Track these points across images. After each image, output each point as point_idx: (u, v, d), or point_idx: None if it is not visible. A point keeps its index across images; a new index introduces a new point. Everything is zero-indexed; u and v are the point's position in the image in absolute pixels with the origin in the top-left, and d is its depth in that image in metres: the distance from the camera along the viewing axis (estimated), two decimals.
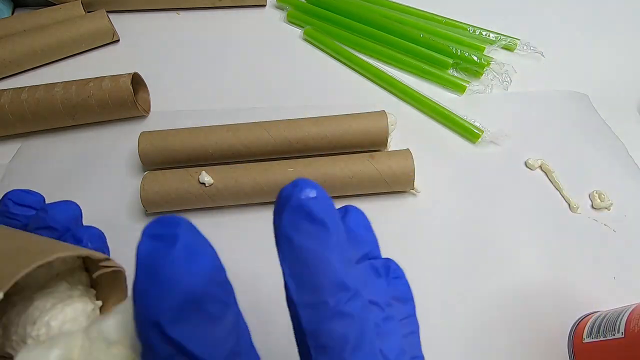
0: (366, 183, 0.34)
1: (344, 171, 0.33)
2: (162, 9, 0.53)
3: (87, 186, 0.37)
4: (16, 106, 0.37)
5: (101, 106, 0.38)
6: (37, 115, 0.37)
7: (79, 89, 0.37)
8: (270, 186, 0.33)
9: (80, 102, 0.37)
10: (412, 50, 0.45)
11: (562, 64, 0.47)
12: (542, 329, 0.30)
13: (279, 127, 0.36)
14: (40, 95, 0.37)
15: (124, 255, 0.33)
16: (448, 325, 0.30)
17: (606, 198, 0.36)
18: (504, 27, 0.49)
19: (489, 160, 0.39)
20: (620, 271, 0.32)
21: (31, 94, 0.37)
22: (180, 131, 0.36)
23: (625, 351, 0.24)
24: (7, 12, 0.50)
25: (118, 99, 0.38)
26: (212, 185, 0.33)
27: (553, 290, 0.31)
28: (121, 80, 0.38)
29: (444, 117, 0.41)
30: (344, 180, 0.33)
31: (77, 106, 0.38)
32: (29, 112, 0.37)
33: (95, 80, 0.38)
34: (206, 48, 0.48)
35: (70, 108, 0.38)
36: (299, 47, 0.49)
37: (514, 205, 0.36)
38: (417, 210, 0.35)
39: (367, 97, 0.44)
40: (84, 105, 0.38)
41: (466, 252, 0.32)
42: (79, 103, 0.37)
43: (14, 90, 0.38)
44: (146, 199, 0.33)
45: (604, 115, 0.42)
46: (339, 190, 0.34)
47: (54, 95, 0.37)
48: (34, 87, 0.38)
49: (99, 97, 0.38)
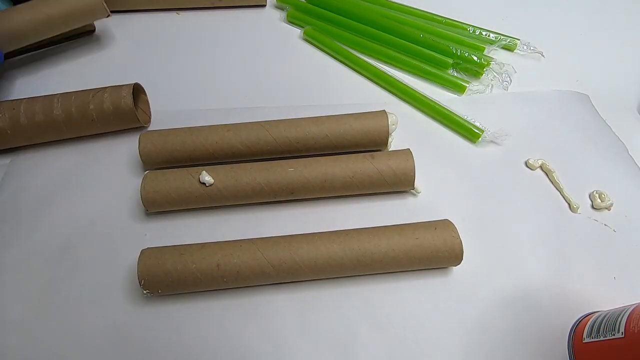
0: (366, 183, 0.34)
1: (344, 171, 0.33)
2: (162, 9, 0.53)
3: (87, 186, 0.37)
4: (14, 126, 0.36)
5: (103, 123, 0.37)
6: (37, 130, 0.37)
7: (79, 109, 0.36)
8: (271, 186, 0.33)
9: (81, 121, 0.37)
10: (412, 50, 0.45)
11: (562, 64, 0.47)
12: (542, 329, 0.30)
13: (279, 127, 0.36)
14: (40, 119, 0.36)
15: (124, 255, 0.33)
16: (448, 325, 0.30)
17: (606, 198, 0.36)
18: (504, 27, 0.49)
19: (489, 160, 0.39)
20: (620, 271, 0.32)
21: (30, 116, 0.36)
22: (180, 131, 0.36)
23: (625, 351, 0.24)
24: None
25: (120, 117, 0.37)
26: (212, 185, 0.33)
27: (553, 290, 0.32)
28: (122, 100, 0.37)
29: (444, 117, 0.41)
30: (344, 180, 0.33)
31: (80, 125, 0.37)
32: (28, 128, 0.36)
33: (96, 97, 0.37)
34: (206, 48, 0.48)
35: (72, 127, 0.37)
36: (298, 47, 0.49)
37: (514, 205, 0.36)
38: (417, 210, 0.35)
39: (367, 97, 0.44)
40: (86, 123, 0.37)
41: (466, 252, 0.32)
42: (81, 122, 0.37)
43: (10, 111, 0.36)
44: (147, 199, 0.33)
45: (604, 115, 0.42)
46: (339, 190, 0.34)
47: (55, 119, 0.36)
48: (32, 104, 0.36)
49: (102, 117, 0.37)
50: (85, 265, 0.32)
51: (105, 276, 0.32)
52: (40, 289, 0.31)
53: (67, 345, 0.29)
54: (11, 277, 0.32)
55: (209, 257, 0.29)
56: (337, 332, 0.30)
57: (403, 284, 0.31)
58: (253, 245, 0.30)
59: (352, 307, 0.31)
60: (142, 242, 0.33)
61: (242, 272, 0.29)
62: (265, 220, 0.35)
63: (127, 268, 0.32)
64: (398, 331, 0.30)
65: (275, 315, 0.30)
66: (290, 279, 0.30)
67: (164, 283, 0.29)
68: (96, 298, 0.31)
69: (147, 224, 0.35)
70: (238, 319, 0.30)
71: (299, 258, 0.29)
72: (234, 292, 0.31)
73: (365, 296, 0.31)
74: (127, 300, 0.31)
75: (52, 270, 0.32)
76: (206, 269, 0.29)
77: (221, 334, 0.30)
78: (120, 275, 0.32)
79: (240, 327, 0.30)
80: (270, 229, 0.34)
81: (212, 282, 0.29)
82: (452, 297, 0.31)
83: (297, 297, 0.31)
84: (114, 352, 0.29)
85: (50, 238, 0.34)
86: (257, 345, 0.29)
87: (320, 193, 0.34)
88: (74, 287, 0.31)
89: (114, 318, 0.30)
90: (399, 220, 0.32)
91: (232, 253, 0.29)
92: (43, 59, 0.47)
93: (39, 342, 0.29)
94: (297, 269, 0.29)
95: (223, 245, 0.30)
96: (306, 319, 0.30)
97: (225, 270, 0.29)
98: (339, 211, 0.35)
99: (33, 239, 0.34)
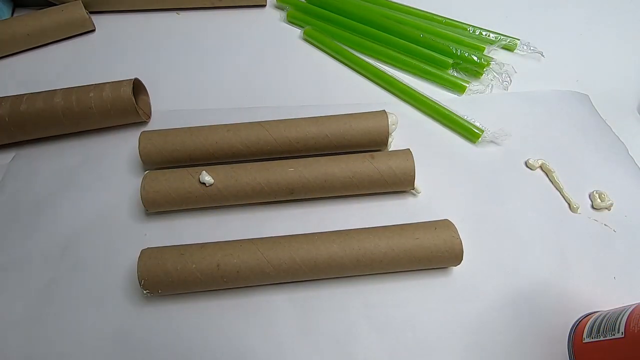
0: (366, 183, 0.34)
1: (344, 171, 0.33)
2: (162, 9, 0.53)
3: (87, 185, 0.37)
4: (16, 118, 0.36)
5: (103, 116, 0.38)
6: (37, 126, 0.37)
7: (79, 100, 0.37)
8: (271, 186, 0.33)
9: (81, 113, 0.37)
10: (412, 50, 0.45)
11: (562, 64, 0.47)
12: (542, 329, 0.30)
13: (279, 127, 0.36)
14: (40, 107, 0.36)
15: (124, 255, 0.33)
16: (448, 325, 0.30)
17: (606, 198, 0.36)
18: (504, 27, 0.49)
19: (489, 160, 0.39)
20: (620, 271, 0.32)
21: (31, 104, 0.37)
22: (180, 131, 0.36)
23: (625, 351, 0.24)
24: (7, 12, 0.50)
25: (120, 109, 0.38)
26: (212, 185, 0.33)
27: (553, 290, 0.32)
28: (122, 90, 0.37)
29: (444, 117, 0.41)
30: (344, 180, 0.33)
31: (80, 118, 0.37)
32: (30, 123, 0.37)
33: (96, 90, 0.37)
34: (206, 48, 0.48)
35: (71, 119, 0.37)
36: (298, 47, 0.49)
37: (514, 205, 0.36)
38: (417, 210, 0.35)
39: (367, 97, 0.44)
40: (86, 115, 0.37)
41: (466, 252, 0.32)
42: (81, 114, 0.37)
43: (12, 101, 0.37)
44: (147, 199, 0.33)
45: (604, 115, 0.42)
46: (339, 190, 0.34)
47: (55, 107, 0.37)
48: (34, 97, 0.37)
49: (101, 108, 0.37)
50: (85, 266, 0.32)
51: (105, 276, 0.32)
52: (40, 289, 0.31)
53: (67, 345, 0.29)
54: (11, 277, 0.32)
55: (209, 257, 0.29)
56: (337, 332, 0.30)
57: (403, 284, 0.31)
58: (253, 245, 0.30)
59: (352, 307, 0.31)
60: (142, 242, 0.33)
61: (242, 272, 0.29)
62: (265, 220, 0.35)
63: (127, 268, 0.32)
64: (398, 331, 0.30)
65: (276, 315, 0.30)
66: (290, 279, 0.30)
67: (164, 283, 0.29)
68: (96, 298, 0.31)
69: (147, 224, 0.35)
70: (238, 319, 0.30)
71: (299, 258, 0.29)
72: (234, 292, 0.31)
73: (365, 296, 0.31)
74: (127, 300, 0.31)
75: (52, 270, 0.32)
76: (206, 269, 0.29)
77: (221, 334, 0.30)
78: (120, 275, 0.32)
79: (240, 327, 0.30)
80: (270, 229, 0.34)
81: (212, 282, 0.29)
82: (452, 297, 0.31)
83: (297, 297, 0.31)
84: (114, 352, 0.29)
85: (50, 238, 0.34)
86: (257, 345, 0.29)
87: (320, 193, 0.34)
88: (74, 287, 0.31)
89: (114, 318, 0.30)
90: (399, 220, 0.32)
91: (232, 253, 0.29)
92: (43, 59, 0.47)
93: (39, 342, 0.29)
94: (297, 269, 0.29)
95: (223, 245, 0.30)
96: (306, 319, 0.30)
97: (225, 270, 0.29)
98: (338, 211, 0.35)
99: (33, 239, 0.34)
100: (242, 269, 0.29)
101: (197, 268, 0.29)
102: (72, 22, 0.48)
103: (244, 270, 0.29)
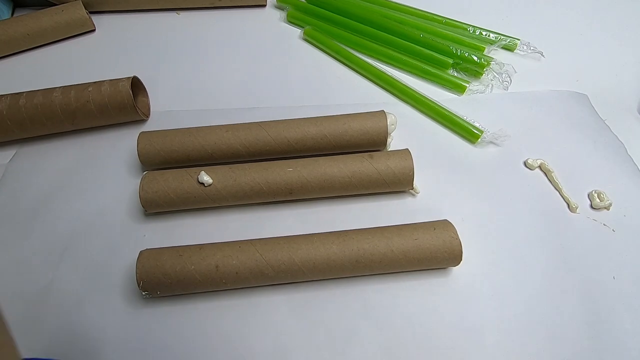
0: (365, 183, 0.34)
1: (343, 171, 0.33)
2: (162, 9, 0.53)
3: (86, 186, 0.37)
4: (14, 112, 0.37)
5: (101, 111, 0.38)
6: (35, 121, 0.37)
7: (77, 94, 0.37)
8: (270, 186, 0.33)
9: (79, 107, 0.37)
10: (412, 50, 0.45)
11: (562, 64, 0.47)
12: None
13: (278, 127, 0.36)
14: (38, 101, 0.37)
15: (123, 256, 0.33)
16: (448, 325, 0.30)
17: (605, 198, 0.36)
18: (504, 27, 0.49)
19: (489, 160, 0.39)
20: (619, 271, 0.32)
21: (29, 99, 0.37)
22: (179, 131, 0.36)
23: None
24: (7, 12, 0.50)
25: (117, 104, 0.38)
26: (211, 185, 0.33)
27: (553, 291, 0.31)
28: (120, 84, 0.38)
29: (444, 117, 0.41)
30: (343, 180, 0.33)
31: (77, 111, 0.37)
32: (28, 118, 0.37)
33: (94, 85, 0.38)
34: (206, 48, 0.48)
35: (69, 113, 0.37)
36: (298, 47, 0.49)
37: (513, 206, 0.36)
38: (416, 210, 0.35)
39: (366, 97, 0.44)
40: (84, 110, 0.37)
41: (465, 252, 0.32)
42: (78, 108, 0.37)
43: (11, 96, 0.37)
44: (145, 199, 0.33)
45: (603, 115, 0.42)
46: (339, 190, 0.34)
47: (53, 101, 0.37)
48: (32, 93, 0.37)
49: (99, 102, 0.37)
50: (84, 266, 0.32)
51: (104, 277, 0.32)
52: (40, 289, 0.31)
53: (66, 346, 0.29)
54: (11, 277, 0.32)
55: (208, 259, 0.29)
56: (336, 333, 0.30)
57: (402, 285, 0.31)
58: (252, 247, 0.30)
59: (351, 307, 0.31)
60: (140, 243, 0.33)
61: (241, 273, 0.29)
62: (264, 221, 0.35)
63: (126, 269, 0.32)
64: (397, 331, 0.30)
65: (275, 316, 0.30)
66: (289, 280, 0.30)
67: (162, 284, 0.29)
68: (95, 299, 0.31)
69: (145, 224, 0.35)
70: (237, 320, 0.30)
71: (297, 259, 0.29)
72: (232, 293, 0.31)
73: (364, 297, 0.31)
74: (125, 301, 0.31)
75: (52, 271, 0.32)
76: (205, 270, 0.29)
77: (220, 335, 0.30)
78: (118, 276, 0.32)
79: (239, 328, 0.30)
80: (269, 229, 0.34)
81: (211, 283, 0.29)
82: (452, 297, 0.31)
83: (296, 298, 0.31)
84: (112, 354, 0.29)
85: (49, 239, 0.34)
86: (256, 346, 0.29)
87: (319, 193, 0.34)
88: (73, 288, 0.31)
89: (113, 319, 0.30)
90: (398, 220, 0.32)
91: (231, 254, 0.29)
92: (43, 59, 0.47)
93: (38, 342, 0.29)
94: (296, 269, 0.29)
95: (222, 246, 0.30)
96: (305, 320, 0.30)
97: (224, 271, 0.29)
98: (337, 211, 0.35)
99: (32, 240, 0.34)
100: (241, 270, 0.29)
101: (195, 269, 0.29)
102: (72, 22, 0.48)
103: (243, 271, 0.29)
